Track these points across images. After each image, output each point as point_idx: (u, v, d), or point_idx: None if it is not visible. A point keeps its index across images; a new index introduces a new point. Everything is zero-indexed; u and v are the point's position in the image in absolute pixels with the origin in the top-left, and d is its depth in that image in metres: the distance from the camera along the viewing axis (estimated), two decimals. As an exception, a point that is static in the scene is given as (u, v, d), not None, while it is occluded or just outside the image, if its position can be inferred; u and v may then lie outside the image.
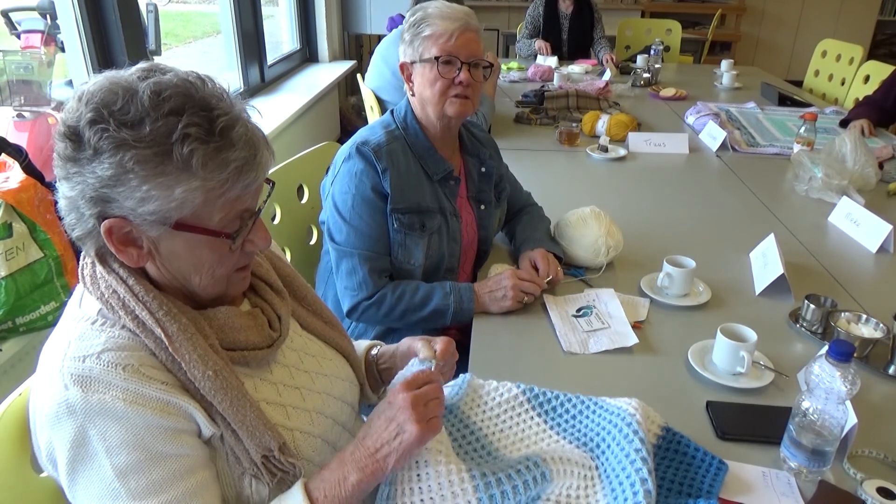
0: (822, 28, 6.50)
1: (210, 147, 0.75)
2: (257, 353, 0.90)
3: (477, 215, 1.62)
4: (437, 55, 1.43)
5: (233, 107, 0.80)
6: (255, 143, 0.80)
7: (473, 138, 1.66)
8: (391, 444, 0.85)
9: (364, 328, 1.56)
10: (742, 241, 1.76)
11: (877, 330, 1.30)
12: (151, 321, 0.80)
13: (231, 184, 0.78)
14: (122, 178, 0.74)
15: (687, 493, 0.95)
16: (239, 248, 0.85)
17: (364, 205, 1.44)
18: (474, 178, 1.62)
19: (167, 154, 0.74)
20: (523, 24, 4.60)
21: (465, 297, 1.42)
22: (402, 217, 1.45)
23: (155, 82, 0.76)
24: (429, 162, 1.51)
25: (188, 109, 0.75)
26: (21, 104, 2.12)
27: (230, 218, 0.81)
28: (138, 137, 0.73)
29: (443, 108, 1.46)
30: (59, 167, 0.77)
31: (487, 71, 1.49)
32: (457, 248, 1.55)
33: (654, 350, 1.31)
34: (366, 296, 1.43)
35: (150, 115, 0.74)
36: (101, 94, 0.75)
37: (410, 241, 1.47)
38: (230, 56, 3.35)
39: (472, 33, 1.45)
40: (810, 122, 2.45)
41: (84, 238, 0.81)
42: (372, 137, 1.48)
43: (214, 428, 0.82)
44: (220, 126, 0.76)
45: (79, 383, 0.75)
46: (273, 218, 1.72)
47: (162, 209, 0.76)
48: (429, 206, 1.48)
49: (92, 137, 0.73)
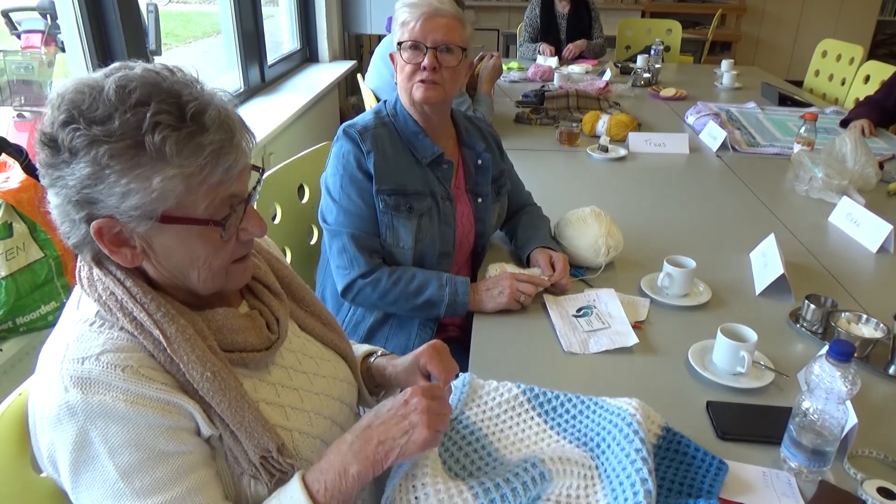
0: (822, 28, 6.50)
1: (182, 133, 0.75)
2: (255, 354, 0.90)
3: (474, 207, 1.62)
4: (402, 40, 1.47)
5: (203, 93, 0.79)
6: (230, 125, 0.79)
7: (472, 130, 1.67)
8: (398, 440, 0.83)
9: (361, 315, 1.55)
10: (742, 241, 1.76)
11: (877, 330, 1.30)
12: (150, 323, 0.80)
13: (210, 168, 0.77)
14: (100, 175, 0.74)
15: (687, 493, 0.95)
16: (233, 237, 0.84)
17: (352, 185, 1.46)
18: (471, 171, 1.62)
19: (139, 145, 0.74)
20: (522, 26, 4.60)
21: (460, 291, 1.43)
22: (387, 199, 1.46)
23: (120, 76, 0.76)
24: (416, 146, 1.52)
25: (155, 98, 0.75)
26: (21, 104, 2.13)
27: (216, 205, 0.80)
28: (108, 132, 0.73)
29: (411, 94, 1.49)
30: (43, 177, 0.77)
31: (462, 55, 1.48)
32: (450, 232, 1.55)
33: (655, 350, 1.31)
34: (359, 273, 1.44)
35: (118, 108, 0.74)
36: (70, 96, 0.75)
37: (398, 223, 1.47)
38: (230, 56, 3.35)
39: (441, 18, 1.45)
40: (810, 122, 2.45)
41: (80, 245, 0.81)
42: (359, 121, 1.52)
43: (213, 429, 0.82)
44: (190, 111, 0.76)
45: (78, 385, 0.75)
46: (273, 218, 1.72)
47: (144, 202, 0.75)
48: (417, 189, 1.49)
49: (66, 139, 0.73)
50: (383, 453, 0.83)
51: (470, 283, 1.45)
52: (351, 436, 0.86)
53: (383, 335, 1.54)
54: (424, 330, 1.51)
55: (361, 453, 0.83)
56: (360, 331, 1.55)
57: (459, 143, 1.63)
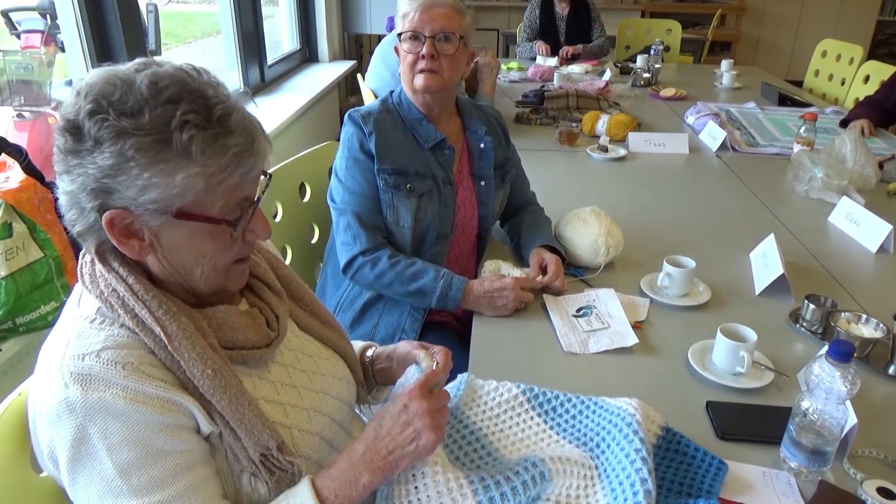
0: (822, 28, 6.50)
1: (209, 133, 0.76)
2: (255, 352, 0.91)
3: (477, 191, 1.65)
4: (402, 31, 1.52)
5: (228, 96, 0.81)
6: (252, 130, 0.81)
7: (476, 115, 1.69)
8: (405, 448, 0.86)
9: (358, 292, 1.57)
10: (742, 241, 1.76)
11: (877, 330, 1.30)
12: (151, 320, 0.80)
13: (231, 170, 0.79)
14: (122, 167, 0.74)
15: (687, 493, 0.95)
16: (240, 237, 0.86)
17: (355, 165, 1.53)
18: (475, 155, 1.66)
19: (167, 141, 0.75)
20: (521, 26, 4.60)
21: (454, 286, 1.44)
22: (388, 178, 1.51)
23: (152, 73, 0.77)
24: (419, 130, 1.57)
25: (186, 97, 0.76)
26: (21, 104, 2.12)
27: (231, 206, 0.82)
28: (138, 125, 0.74)
29: (412, 83, 1.54)
30: (59, 162, 0.78)
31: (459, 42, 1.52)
32: (449, 214, 1.59)
33: (654, 350, 1.31)
34: (361, 250, 1.49)
35: (149, 103, 0.75)
36: (100, 87, 0.76)
37: (398, 202, 1.52)
38: (230, 56, 3.35)
39: (439, 8, 1.50)
40: (810, 122, 2.45)
41: (85, 233, 0.81)
42: (365, 107, 1.61)
43: (213, 426, 0.82)
44: (217, 113, 0.78)
45: (78, 381, 0.75)
46: (274, 216, 1.72)
47: (163, 197, 0.76)
48: (417, 171, 1.54)
49: (92, 128, 0.74)
50: (393, 462, 0.86)
51: (467, 282, 1.45)
52: (361, 446, 0.88)
53: (377, 311, 1.56)
54: (417, 309, 1.53)
55: (372, 464, 0.86)
56: (356, 306, 1.57)
57: (464, 129, 1.67)
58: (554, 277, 1.49)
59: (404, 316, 1.53)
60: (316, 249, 1.86)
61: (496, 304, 1.41)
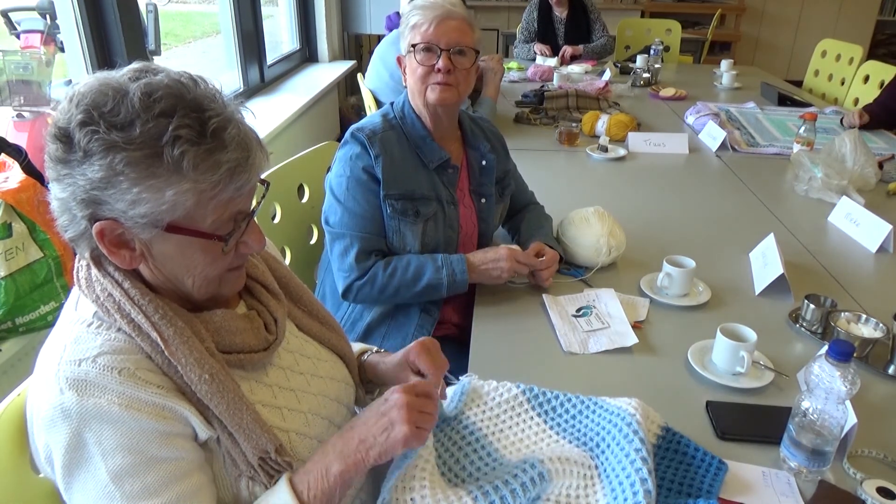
0: (822, 28, 6.50)
1: (201, 149, 0.75)
2: (253, 355, 0.90)
3: (477, 208, 1.64)
4: (416, 43, 1.47)
5: (225, 108, 0.79)
6: (247, 144, 0.79)
7: (477, 131, 1.67)
8: (377, 437, 0.85)
9: (360, 313, 1.56)
10: (742, 241, 1.76)
11: (877, 330, 1.30)
12: (147, 325, 0.80)
13: (223, 186, 0.77)
14: (112, 181, 0.73)
15: (687, 493, 0.95)
16: (232, 249, 0.85)
17: (358, 186, 1.47)
18: (476, 172, 1.63)
19: (157, 156, 0.73)
20: (520, 27, 4.59)
21: (457, 269, 1.45)
22: (395, 203, 1.48)
23: (146, 83, 0.75)
24: (424, 150, 1.54)
25: (179, 111, 0.74)
26: (21, 104, 2.12)
27: (223, 220, 0.81)
28: (128, 139, 0.73)
29: (425, 96, 1.50)
30: (50, 168, 0.77)
31: (475, 57, 1.51)
32: (454, 235, 1.57)
33: (654, 350, 1.31)
34: (357, 276, 1.46)
35: (141, 116, 0.73)
36: (92, 96, 0.74)
37: (405, 227, 1.49)
38: (230, 56, 3.35)
39: (453, 21, 1.47)
40: (810, 122, 2.45)
41: (77, 239, 0.81)
42: (368, 124, 1.53)
43: (211, 431, 0.82)
44: (212, 127, 0.76)
45: (74, 387, 0.75)
46: (273, 217, 1.72)
47: (153, 212, 0.75)
48: (423, 194, 1.51)
49: (82, 139, 0.73)
50: (364, 451, 0.84)
51: (467, 259, 1.47)
52: (336, 436, 0.87)
53: (380, 333, 1.55)
54: (421, 330, 1.52)
55: (343, 452, 0.84)
56: (358, 328, 1.56)
57: (465, 145, 1.64)
58: (547, 264, 1.50)
59: (409, 339, 1.50)
60: (315, 250, 1.86)
61: (492, 274, 1.46)
